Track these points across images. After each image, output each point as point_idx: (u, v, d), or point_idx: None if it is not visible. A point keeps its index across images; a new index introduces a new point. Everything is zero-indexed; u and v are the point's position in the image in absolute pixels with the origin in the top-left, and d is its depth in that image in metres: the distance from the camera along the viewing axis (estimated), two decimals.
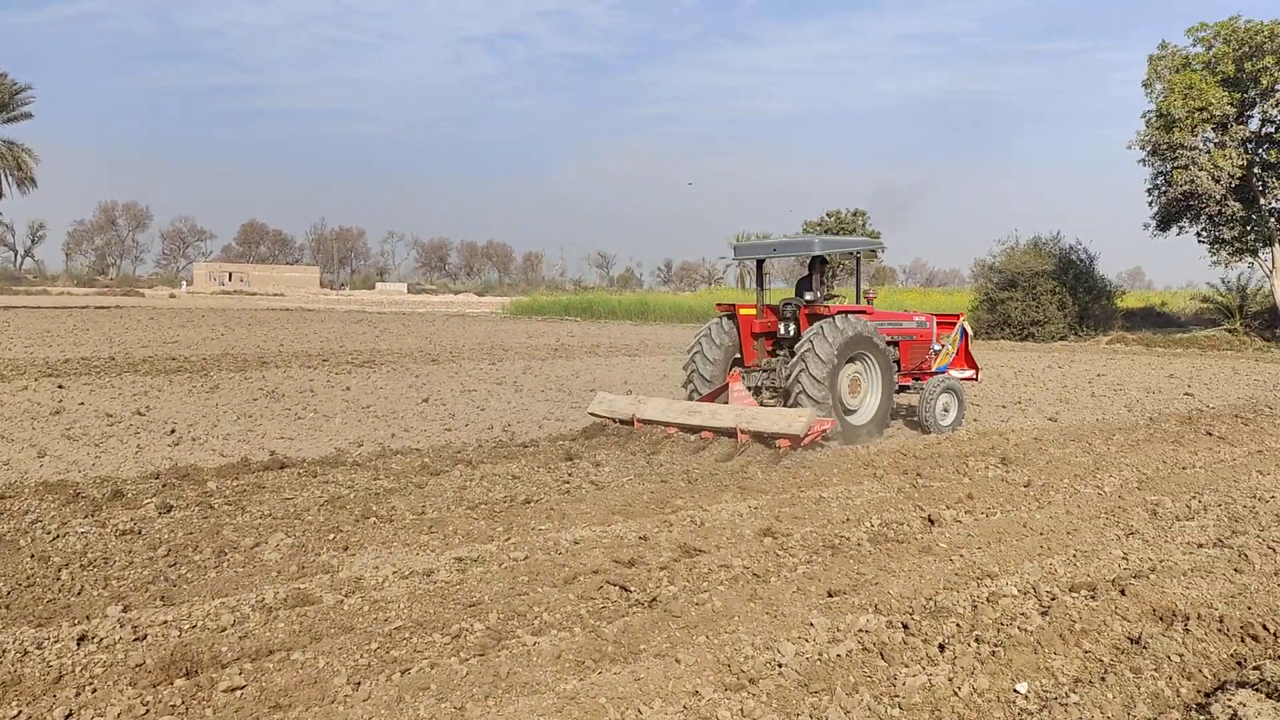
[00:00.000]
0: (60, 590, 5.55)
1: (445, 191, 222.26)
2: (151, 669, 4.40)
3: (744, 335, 12.22)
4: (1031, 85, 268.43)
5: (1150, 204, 34.08)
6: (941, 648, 4.64)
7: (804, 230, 52.87)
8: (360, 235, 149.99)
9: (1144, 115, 32.63)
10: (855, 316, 11.44)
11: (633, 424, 11.07)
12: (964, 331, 13.77)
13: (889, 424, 12.39)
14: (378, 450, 10.23)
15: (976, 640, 4.69)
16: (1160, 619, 5.03)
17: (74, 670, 4.40)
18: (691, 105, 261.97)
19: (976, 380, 14.41)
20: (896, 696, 4.11)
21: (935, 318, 13.72)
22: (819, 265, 12.17)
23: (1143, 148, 32.74)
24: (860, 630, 4.85)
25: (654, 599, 5.43)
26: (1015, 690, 4.19)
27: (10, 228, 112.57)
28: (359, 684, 4.27)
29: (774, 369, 11.95)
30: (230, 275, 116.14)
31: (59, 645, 4.62)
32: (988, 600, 5.33)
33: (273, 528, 6.89)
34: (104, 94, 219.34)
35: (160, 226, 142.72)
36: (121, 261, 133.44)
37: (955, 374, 13.31)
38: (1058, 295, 35.78)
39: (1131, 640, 4.72)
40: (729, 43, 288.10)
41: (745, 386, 11.42)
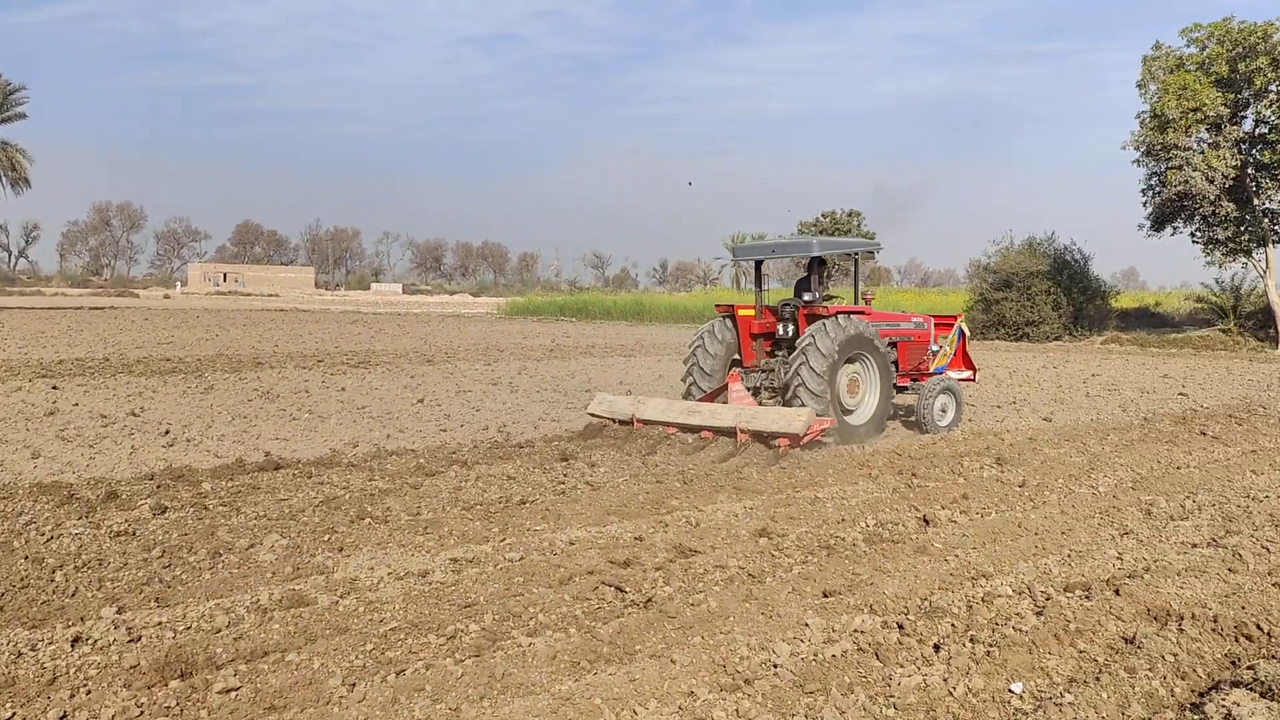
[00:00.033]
0: (54, 592, 5.54)
1: (441, 192, 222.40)
2: (146, 670, 4.39)
3: (743, 336, 12.24)
4: (1029, 86, 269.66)
5: (1145, 204, 34.18)
6: (936, 648, 4.65)
7: (799, 231, 52.96)
8: (355, 236, 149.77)
9: (1138, 116, 32.75)
10: (855, 317, 11.48)
11: (632, 424, 11.09)
12: (962, 332, 13.81)
13: (885, 425, 12.41)
14: (373, 451, 10.23)
15: (971, 640, 4.70)
16: (1155, 619, 5.04)
17: (68, 672, 4.39)
18: (688, 106, 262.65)
19: (974, 381, 14.44)
20: (891, 697, 4.12)
21: (933, 319, 13.76)
22: (817, 266, 12.19)
23: (1137, 148, 32.79)
24: (855, 630, 4.86)
25: (649, 599, 5.43)
26: (1010, 690, 4.20)
27: (4, 228, 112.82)
28: (354, 685, 4.26)
29: (773, 369, 11.97)
30: (225, 276, 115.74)
31: (53, 647, 4.61)
32: (982, 600, 5.34)
33: (267, 529, 6.88)
34: (99, 94, 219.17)
35: (155, 227, 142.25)
36: (116, 262, 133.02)
37: (953, 375, 13.34)
38: (1052, 295, 35.84)
39: (1126, 640, 4.73)
40: (726, 43, 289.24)
41: (744, 387, 11.44)
